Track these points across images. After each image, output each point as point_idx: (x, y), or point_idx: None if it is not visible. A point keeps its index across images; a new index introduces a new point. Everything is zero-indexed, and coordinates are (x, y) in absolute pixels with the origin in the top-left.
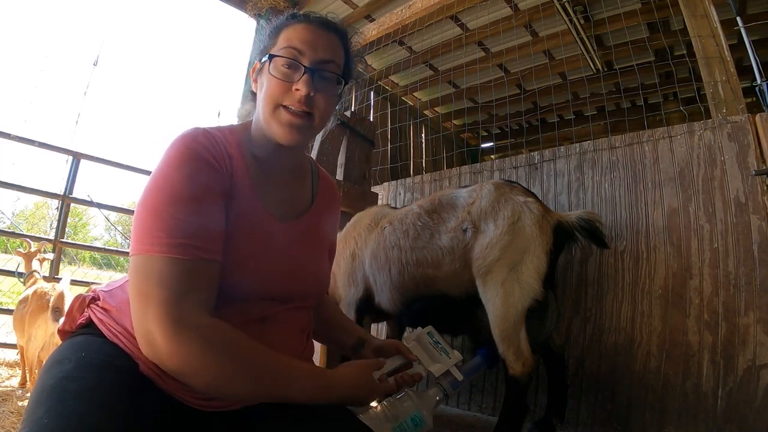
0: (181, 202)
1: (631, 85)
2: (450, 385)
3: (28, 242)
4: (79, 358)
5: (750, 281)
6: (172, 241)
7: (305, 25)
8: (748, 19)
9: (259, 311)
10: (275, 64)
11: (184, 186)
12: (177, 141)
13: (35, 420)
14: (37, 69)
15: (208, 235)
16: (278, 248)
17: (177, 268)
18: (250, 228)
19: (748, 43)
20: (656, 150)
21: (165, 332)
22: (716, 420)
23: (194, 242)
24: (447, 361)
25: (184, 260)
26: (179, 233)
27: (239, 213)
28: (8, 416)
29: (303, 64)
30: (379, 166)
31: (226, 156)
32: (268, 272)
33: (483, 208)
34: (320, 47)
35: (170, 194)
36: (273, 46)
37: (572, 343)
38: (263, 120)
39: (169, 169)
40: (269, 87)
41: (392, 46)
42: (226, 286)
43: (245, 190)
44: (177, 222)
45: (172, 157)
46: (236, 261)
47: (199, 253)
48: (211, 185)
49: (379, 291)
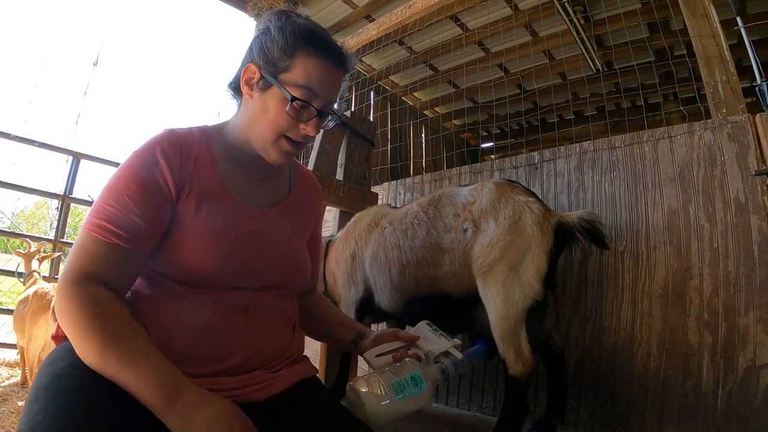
0: (116, 192)
1: (631, 85)
2: (451, 364)
3: (28, 242)
4: (72, 357)
5: (750, 281)
6: (99, 222)
7: (326, 64)
8: (748, 19)
9: (238, 300)
10: (291, 104)
11: (127, 181)
12: (144, 142)
13: (31, 417)
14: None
15: (132, 227)
16: (248, 234)
17: (94, 246)
18: (218, 217)
19: (748, 43)
20: (656, 150)
21: (59, 286)
22: (716, 420)
23: (116, 229)
24: (446, 343)
25: (105, 242)
26: (104, 217)
27: (208, 207)
28: (8, 416)
29: (315, 107)
30: (379, 166)
31: (190, 159)
32: (238, 257)
33: (484, 207)
34: (332, 89)
35: (112, 185)
36: (286, 69)
37: (572, 343)
38: (260, 143)
39: (123, 165)
40: (279, 121)
41: (392, 46)
42: (200, 273)
43: (211, 184)
44: (107, 208)
45: (131, 156)
46: (205, 247)
47: (116, 239)
48: (154, 185)
49: (380, 291)
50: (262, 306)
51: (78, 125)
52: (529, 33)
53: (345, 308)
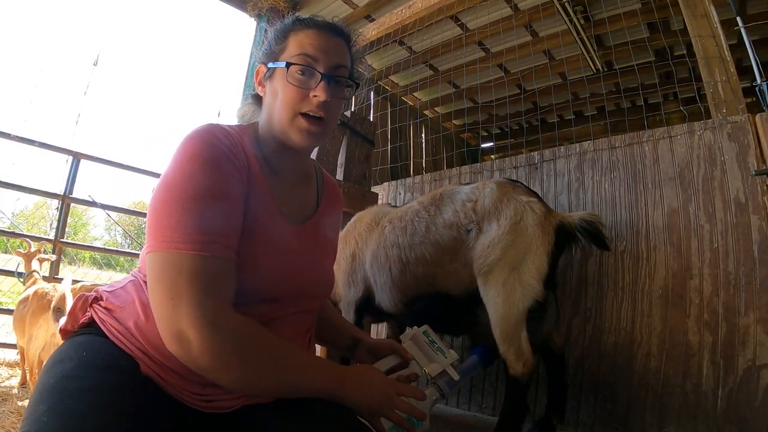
0: (208, 200)
1: (631, 85)
2: (446, 384)
3: (28, 242)
4: (80, 358)
5: (750, 281)
6: (203, 238)
7: (315, 31)
8: (748, 19)
9: (266, 313)
10: (291, 71)
11: (209, 184)
12: (195, 137)
13: (35, 418)
14: (37, 69)
15: (232, 235)
16: (288, 250)
17: (208, 266)
18: (264, 228)
19: (748, 43)
20: (656, 150)
21: (199, 331)
22: (716, 420)
23: (223, 240)
24: (443, 361)
25: (215, 258)
26: (209, 231)
27: (254, 212)
28: (8, 416)
29: (318, 71)
30: (379, 166)
31: (242, 153)
32: (277, 273)
33: (485, 207)
34: (332, 53)
35: (196, 192)
36: (282, 51)
37: (572, 343)
38: (279, 126)
39: (192, 166)
40: (287, 95)
41: (392, 46)
42: (237, 288)
43: (261, 189)
44: (206, 220)
45: (193, 154)
46: (248, 260)
47: (226, 252)
48: (232, 183)
49: (380, 291)
50: (285, 319)
51: (78, 125)
52: (529, 33)
53: (344, 308)
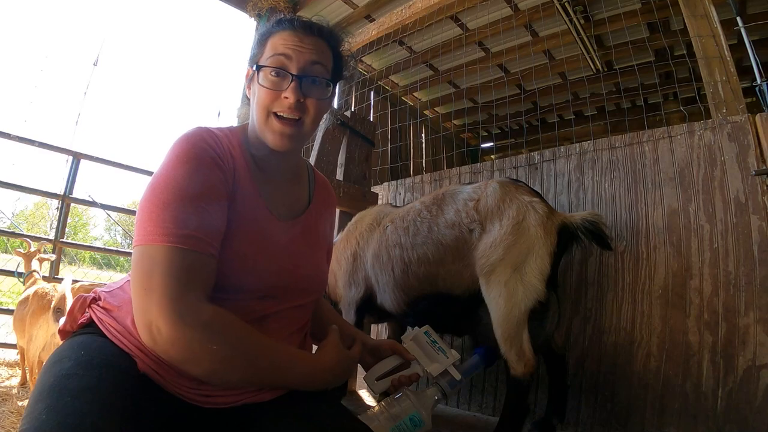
0: (187, 198)
1: (631, 85)
2: (448, 384)
3: (28, 242)
4: (79, 357)
5: (750, 281)
6: (179, 231)
7: (290, 32)
8: (748, 19)
9: (259, 309)
10: (264, 73)
11: (190, 183)
12: (182, 139)
13: (34, 417)
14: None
15: (211, 231)
16: (278, 246)
17: (182, 259)
18: (252, 225)
19: (748, 43)
20: (656, 150)
21: (168, 321)
22: (716, 420)
23: (200, 235)
24: (444, 361)
25: (190, 251)
26: (186, 225)
27: (241, 210)
28: (8, 416)
29: (290, 72)
30: (379, 166)
31: (229, 156)
32: (268, 269)
33: (488, 206)
34: (306, 51)
35: (177, 190)
36: (261, 54)
37: (572, 343)
38: (258, 128)
39: (176, 167)
40: (260, 96)
41: (392, 46)
42: (227, 282)
43: (248, 188)
44: (184, 215)
45: (179, 155)
46: (238, 257)
47: (203, 246)
48: (215, 184)
49: (382, 291)
50: (279, 315)
51: (78, 125)
52: (529, 33)
53: (345, 308)
